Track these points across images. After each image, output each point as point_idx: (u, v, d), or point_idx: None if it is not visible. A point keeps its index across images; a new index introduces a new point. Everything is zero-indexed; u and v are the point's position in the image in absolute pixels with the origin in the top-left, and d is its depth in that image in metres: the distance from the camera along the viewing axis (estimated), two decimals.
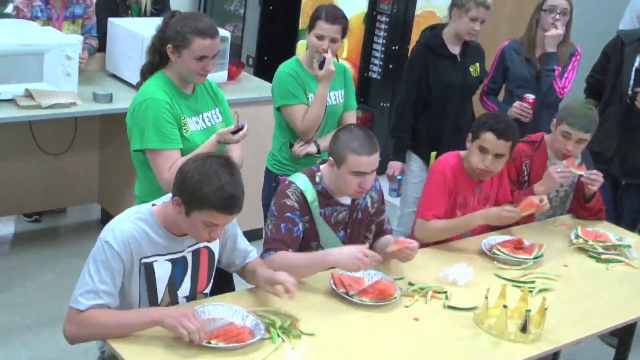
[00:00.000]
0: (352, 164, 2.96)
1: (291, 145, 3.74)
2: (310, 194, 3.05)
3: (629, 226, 4.14)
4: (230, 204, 2.49)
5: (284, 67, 3.76)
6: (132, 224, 2.58)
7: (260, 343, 2.56)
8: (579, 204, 3.91)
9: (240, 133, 3.09)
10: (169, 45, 3.05)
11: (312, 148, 3.72)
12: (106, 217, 5.11)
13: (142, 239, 2.58)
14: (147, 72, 3.18)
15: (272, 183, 3.77)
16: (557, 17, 4.21)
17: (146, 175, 3.13)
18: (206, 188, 2.45)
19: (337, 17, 3.65)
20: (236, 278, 3.12)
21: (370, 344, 2.68)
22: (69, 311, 2.53)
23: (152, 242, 2.60)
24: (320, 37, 3.63)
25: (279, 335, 2.60)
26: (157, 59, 3.13)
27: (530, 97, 4.22)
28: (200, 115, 3.20)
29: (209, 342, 2.49)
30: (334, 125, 3.78)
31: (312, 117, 3.64)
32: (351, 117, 3.92)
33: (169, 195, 2.63)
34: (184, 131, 3.09)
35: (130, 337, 2.51)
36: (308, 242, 3.09)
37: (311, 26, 3.66)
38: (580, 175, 3.74)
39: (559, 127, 3.70)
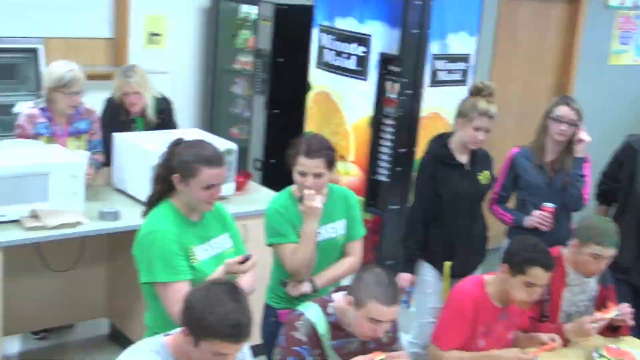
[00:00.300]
0: (371, 311, 2.87)
1: (284, 284, 3.52)
2: (322, 327, 2.96)
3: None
4: (237, 332, 2.43)
5: (273, 203, 3.57)
6: (145, 357, 2.53)
7: None
8: (606, 328, 3.74)
9: (249, 263, 3.03)
10: (176, 175, 3.02)
11: (306, 288, 3.44)
12: (115, 331, 5.04)
13: None
14: (153, 201, 3.14)
15: (271, 318, 3.58)
16: (563, 127, 4.18)
17: (156, 306, 3.07)
18: (210, 317, 2.39)
19: (318, 150, 3.43)
20: None
21: None
22: None
23: None
24: (302, 174, 3.42)
25: None
26: (163, 188, 3.10)
27: (550, 205, 4.17)
28: (209, 242, 3.15)
29: None
30: (332, 260, 3.57)
31: (301, 256, 3.39)
32: (355, 247, 3.66)
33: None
34: (192, 261, 3.04)
35: None
36: None
37: (293, 162, 3.48)
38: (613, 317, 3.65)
39: (584, 249, 3.59)
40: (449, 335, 3.34)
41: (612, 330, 3.74)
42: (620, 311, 3.64)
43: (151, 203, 3.14)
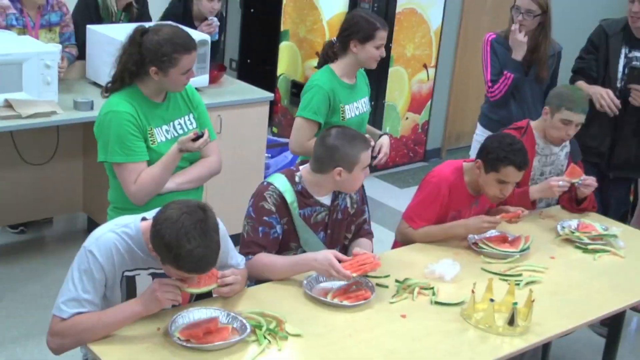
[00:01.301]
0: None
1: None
2: (290, 195, 3.03)
3: (616, 218, 4.13)
4: (200, 266, 2.47)
5: (318, 80, 3.63)
6: (117, 236, 2.55)
7: (246, 345, 2.55)
8: (570, 203, 3.88)
9: (201, 140, 3.05)
10: (153, 68, 2.99)
11: None
12: (92, 226, 5.05)
13: (125, 252, 2.56)
14: (113, 89, 3.11)
15: None
16: (521, 17, 4.17)
17: (116, 184, 3.12)
18: (175, 250, 2.40)
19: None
20: None
21: (357, 342, 2.67)
22: (52, 319, 2.52)
23: (135, 256, 2.58)
24: (379, 47, 3.60)
25: (265, 337, 2.58)
26: (129, 79, 3.06)
27: None
28: (172, 123, 3.16)
29: (189, 341, 2.49)
30: None
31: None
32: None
33: (157, 209, 2.61)
34: (150, 142, 3.07)
35: (112, 340, 2.51)
36: (288, 243, 3.08)
37: (370, 37, 3.57)
38: (576, 183, 3.74)
39: (556, 115, 3.68)
40: (421, 215, 3.42)
41: (577, 204, 3.86)
42: (583, 179, 3.73)
43: (112, 89, 3.11)
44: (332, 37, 6.04)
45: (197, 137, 3.05)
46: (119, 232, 2.56)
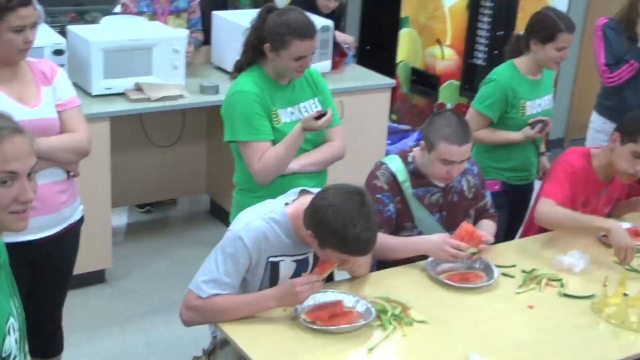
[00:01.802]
0: (442, 152, 2.93)
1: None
2: (402, 174, 3.03)
3: None
4: (366, 250, 2.51)
5: (497, 74, 3.69)
6: (266, 223, 2.59)
7: (372, 329, 2.55)
8: None
9: (324, 119, 3.03)
10: (267, 45, 3.03)
11: None
12: (214, 208, 5.21)
13: (273, 239, 2.59)
14: (242, 65, 3.17)
15: None
16: None
17: (242, 164, 3.15)
18: (342, 236, 2.42)
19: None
20: None
21: (483, 331, 2.63)
22: (188, 294, 2.57)
23: (282, 242, 2.61)
24: (561, 49, 3.54)
25: (390, 322, 2.57)
26: (254, 54, 3.12)
27: None
28: (297, 106, 3.18)
29: (315, 323, 2.51)
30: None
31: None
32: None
33: (295, 191, 2.67)
34: (275, 122, 3.09)
35: (241, 321, 2.54)
36: (402, 223, 3.06)
37: (547, 38, 3.54)
38: None
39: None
40: (557, 191, 3.26)
41: None
42: None
43: (239, 68, 3.18)
44: (454, 24, 5.99)
45: (320, 116, 3.05)
46: (267, 218, 2.60)
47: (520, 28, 5.96)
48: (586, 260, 3.06)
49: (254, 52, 3.11)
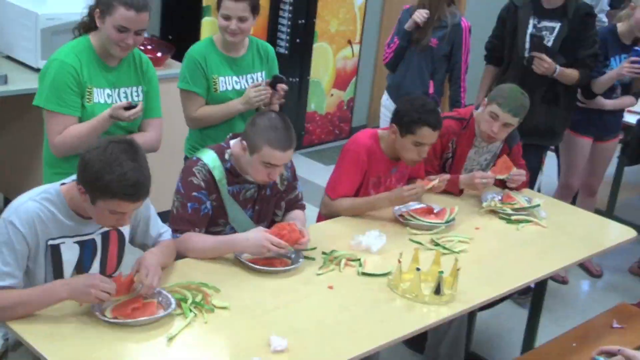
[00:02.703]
0: (265, 155, 2.91)
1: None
2: (218, 172, 3.01)
3: (528, 185, 4.22)
4: (135, 191, 2.43)
5: (192, 49, 3.58)
6: (38, 204, 2.49)
7: (172, 318, 2.53)
8: (501, 182, 3.88)
9: (132, 111, 3.01)
10: (97, 9, 3.01)
11: None
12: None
13: (48, 219, 2.50)
14: (77, 31, 3.15)
15: None
16: None
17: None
18: (108, 177, 2.37)
19: None
20: None
21: (285, 313, 2.68)
22: None
23: (59, 223, 2.53)
24: (226, 17, 3.43)
25: (190, 310, 2.57)
26: (88, 21, 3.09)
27: None
28: (117, 90, 3.13)
29: (115, 318, 2.46)
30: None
31: (207, 114, 3.51)
32: None
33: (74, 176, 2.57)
34: (86, 100, 3.05)
35: (34, 319, 2.45)
36: (216, 219, 3.06)
37: (218, 6, 3.51)
38: (505, 179, 3.78)
39: (488, 107, 3.68)
40: (341, 184, 3.44)
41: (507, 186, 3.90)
42: (511, 175, 3.78)
43: (75, 32, 3.14)
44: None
45: (130, 107, 3.01)
46: (39, 199, 2.51)
47: (321, 17, 6.13)
48: (383, 239, 3.19)
49: (90, 21, 3.09)
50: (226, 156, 3.04)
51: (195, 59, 3.52)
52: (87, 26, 3.12)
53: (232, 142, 3.08)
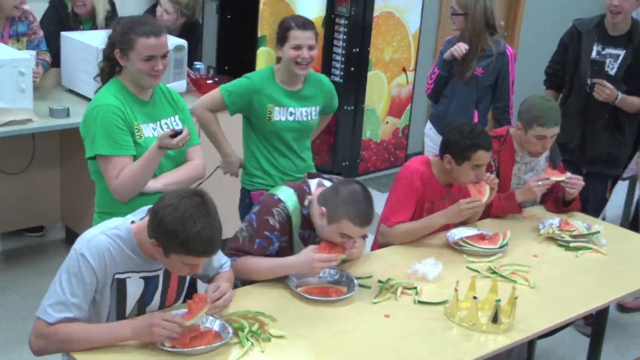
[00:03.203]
0: (343, 228, 2.89)
1: None
2: (296, 218, 3.02)
3: (593, 214, 4.17)
4: (209, 248, 2.46)
5: (252, 74, 3.70)
6: (109, 239, 2.54)
7: (229, 347, 2.56)
8: (555, 204, 3.89)
9: (179, 137, 3.03)
10: (117, 50, 3.04)
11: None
12: (71, 236, 5.07)
13: (117, 254, 2.54)
14: (100, 81, 3.16)
15: (246, 199, 3.73)
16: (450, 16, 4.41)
17: (102, 185, 3.10)
18: (183, 235, 2.39)
19: (307, 22, 3.57)
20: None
21: (341, 342, 2.68)
22: (36, 322, 2.49)
23: (128, 258, 2.57)
24: (297, 47, 3.49)
25: (247, 339, 2.59)
26: (108, 67, 3.12)
27: None
28: (159, 122, 3.18)
29: (175, 348, 2.49)
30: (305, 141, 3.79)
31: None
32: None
33: (144, 209, 2.61)
34: (137, 137, 3.07)
35: (97, 349, 2.48)
36: (282, 255, 3.05)
37: (283, 39, 3.55)
38: (561, 181, 3.75)
39: (529, 132, 3.66)
40: (398, 212, 3.43)
41: (564, 205, 3.87)
42: (568, 178, 3.74)
43: (99, 80, 3.17)
44: None
45: (176, 134, 3.04)
46: (110, 234, 2.55)
47: (375, 45, 6.16)
48: (439, 267, 3.18)
49: (109, 63, 3.12)
50: (306, 202, 3.04)
51: (252, 82, 3.62)
52: (107, 73, 3.13)
53: (312, 186, 3.08)
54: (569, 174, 3.76)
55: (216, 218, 2.47)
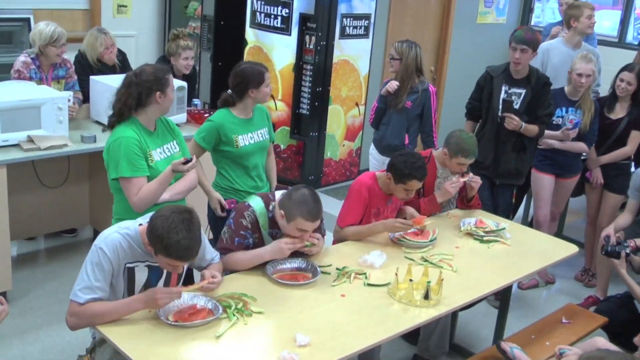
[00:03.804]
0: (299, 224, 2.89)
1: None
2: (262, 219, 3.01)
3: (502, 215, 4.20)
4: (185, 255, 2.45)
5: (215, 116, 3.60)
6: (120, 236, 2.55)
7: (220, 321, 2.54)
8: (462, 202, 3.94)
9: (189, 164, 3.04)
10: (158, 92, 3.02)
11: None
12: (97, 236, 4.98)
13: (127, 248, 2.55)
14: (114, 123, 3.10)
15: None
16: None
17: (121, 198, 3.09)
18: (166, 241, 2.39)
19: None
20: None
21: (307, 316, 2.68)
22: (70, 303, 2.49)
23: (135, 251, 2.57)
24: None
25: (234, 315, 2.57)
26: (127, 112, 3.06)
27: None
28: (163, 147, 3.17)
29: (177, 322, 2.46)
30: (263, 157, 3.72)
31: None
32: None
33: (150, 214, 2.60)
34: (150, 161, 3.06)
35: (114, 322, 2.48)
36: (257, 247, 3.03)
37: (259, 83, 3.51)
38: (466, 181, 3.77)
39: (453, 159, 3.65)
40: (349, 215, 3.43)
41: (468, 201, 3.90)
42: (470, 179, 3.75)
43: (112, 125, 3.10)
44: (284, 82, 6.10)
45: (187, 162, 3.05)
46: (122, 233, 2.56)
47: (334, 85, 6.17)
48: (384, 257, 3.18)
49: (129, 111, 3.06)
50: (270, 207, 3.03)
51: (216, 124, 3.54)
52: (123, 117, 3.07)
53: (277, 195, 3.05)
54: (471, 175, 3.77)
55: (197, 232, 2.45)
